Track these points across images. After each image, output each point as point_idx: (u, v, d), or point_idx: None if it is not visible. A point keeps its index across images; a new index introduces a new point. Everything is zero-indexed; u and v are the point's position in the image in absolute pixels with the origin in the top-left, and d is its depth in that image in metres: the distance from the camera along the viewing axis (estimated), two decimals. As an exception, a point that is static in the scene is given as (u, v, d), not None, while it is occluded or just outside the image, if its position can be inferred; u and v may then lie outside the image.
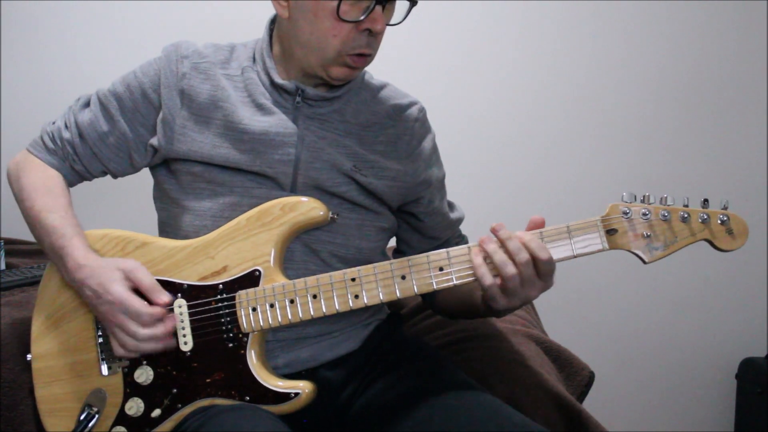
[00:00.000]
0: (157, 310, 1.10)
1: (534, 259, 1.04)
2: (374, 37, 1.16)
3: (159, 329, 1.10)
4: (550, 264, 1.05)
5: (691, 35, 2.39)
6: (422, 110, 1.31)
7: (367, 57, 1.18)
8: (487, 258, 1.06)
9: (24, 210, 1.24)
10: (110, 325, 1.12)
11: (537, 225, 1.07)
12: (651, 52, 2.38)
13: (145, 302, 1.10)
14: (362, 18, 1.12)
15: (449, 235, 1.37)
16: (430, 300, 1.39)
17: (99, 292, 1.10)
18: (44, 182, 1.24)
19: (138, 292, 1.11)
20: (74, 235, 1.16)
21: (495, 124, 2.34)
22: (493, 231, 1.06)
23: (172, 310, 1.13)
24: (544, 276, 1.05)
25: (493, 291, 1.06)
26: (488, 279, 1.05)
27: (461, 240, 1.40)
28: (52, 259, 1.20)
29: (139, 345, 1.10)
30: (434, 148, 1.34)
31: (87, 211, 1.25)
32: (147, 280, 1.12)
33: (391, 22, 1.17)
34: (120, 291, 1.09)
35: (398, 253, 1.39)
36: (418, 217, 1.32)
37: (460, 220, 1.39)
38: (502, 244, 1.05)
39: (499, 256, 1.04)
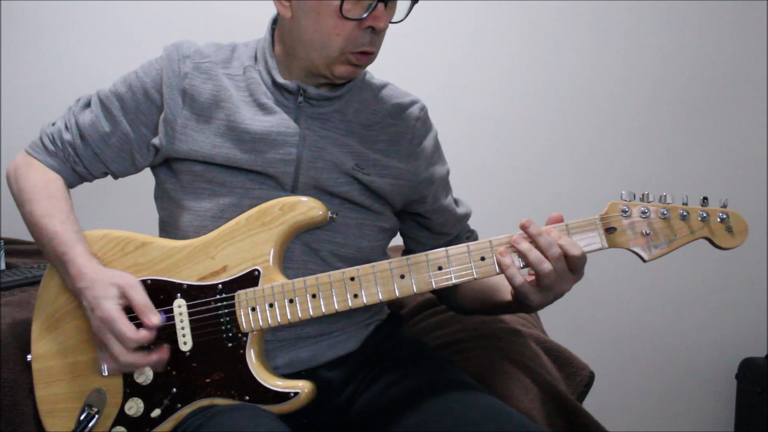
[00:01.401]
0: (141, 335, 1.08)
1: (566, 255, 1.04)
2: (377, 34, 1.16)
3: (142, 360, 1.09)
4: (582, 259, 1.05)
5: (691, 35, 2.39)
6: (423, 109, 1.32)
7: (370, 55, 1.18)
8: (519, 256, 1.05)
9: (24, 214, 1.24)
10: (98, 340, 1.12)
11: (556, 222, 1.08)
12: (651, 51, 2.38)
13: (133, 326, 1.08)
14: (365, 16, 1.12)
15: (458, 230, 1.37)
16: (446, 297, 1.39)
17: (93, 305, 1.10)
18: (45, 185, 1.24)
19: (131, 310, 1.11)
20: (76, 242, 1.16)
21: (494, 123, 2.34)
22: (523, 228, 1.05)
23: (166, 332, 1.13)
24: (576, 270, 1.06)
25: (525, 289, 1.06)
26: (518, 279, 1.05)
27: (471, 235, 1.40)
28: (54, 264, 1.20)
29: (120, 369, 1.12)
30: (436, 146, 1.34)
31: (87, 212, 1.25)
32: (140, 299, 1.09)
33: (393, 19, 1.18)
34: (110, 309, 1.08)
35: (408, 252, 1.38)
36: (425, 216, 1.32)
37: (467, 216, 1.39)
38: (534, 241, 1.04)
39: (534, 254, 1.04)
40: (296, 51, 1.19)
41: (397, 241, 1.40)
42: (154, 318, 1.09)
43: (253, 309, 1.11)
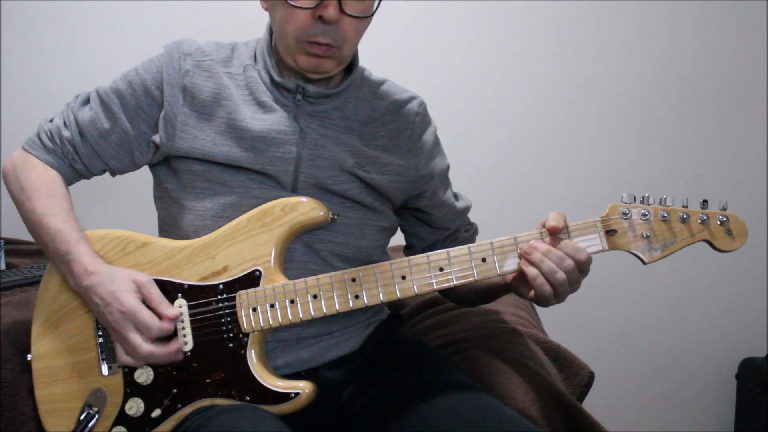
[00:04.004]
0: (166, 326, 1.10)
1: (575, 262, 1.06)
2: (331, 26, 1.12)
3: (161, 350, 1.10)
4: (590, 262, 1.08)
5: (691, 35, 2.39)
6: (422, 104, 1.32)
7: (329, 47, 1.14)
8: (532, 266, 1.08)
9: (24, 212, 1.23)
10: (115, 334, 1.12)
11: (558, 224, 1.09)
12: (651, 52, 2.38)
13: (155, 316, 1.10)
14: (312, 6, 1.11)
15: (458, 224, 1.38)
16: (447, 293, 1.41)
17: (108, 300, 1.10)
18: (45, 183, 1.23)
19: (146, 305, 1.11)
20: (79, 240, 1.16)
21: (494, 124, 2.34)
22: (533, 248, 1.08)
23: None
24: (585, 271, 1.09)
25: (548, 297, 1.08)
26: (547, 288, 1.07)
27: (471, 228, 1.42)
28: (55, 263, 1.20)
29: (138, 362, 1.12)
30: (436, 141, 1.34)
31: (87, 211, 1.25)
32: (157, 294, 1.12)
33: (359, 14, 1.13)
34: (132, 302, 1.09)
35: (409, 248, 1.40)
36: (424, 211, 1.33)
37: (467, 209, 1.40)
38: (545, 255, 1.07)
39: (547, 265, 1.06)
40: (276, 44, 1.21)
41: (397, 240, 1.40)
42: (172, 310, 1.11)
43: (254, 309, 1.12)
